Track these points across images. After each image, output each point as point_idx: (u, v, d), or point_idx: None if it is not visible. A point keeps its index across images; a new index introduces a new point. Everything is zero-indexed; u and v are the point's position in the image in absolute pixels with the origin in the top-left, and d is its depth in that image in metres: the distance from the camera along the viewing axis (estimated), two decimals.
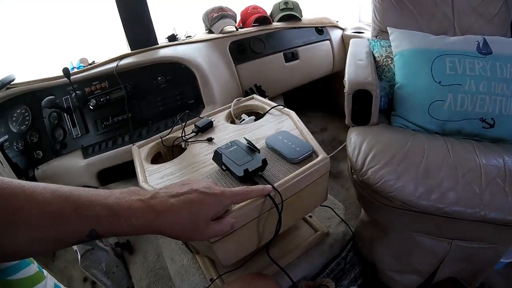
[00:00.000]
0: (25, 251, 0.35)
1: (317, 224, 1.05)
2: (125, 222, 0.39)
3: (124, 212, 0.39)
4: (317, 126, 1.98)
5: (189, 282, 1.00)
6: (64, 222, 0.36)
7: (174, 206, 0.42)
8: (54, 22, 1.51)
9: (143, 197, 0.42)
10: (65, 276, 1.32)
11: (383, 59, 1.18)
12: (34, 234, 0.34)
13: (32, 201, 0.34)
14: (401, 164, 0.81)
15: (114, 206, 0.39)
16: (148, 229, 0.41)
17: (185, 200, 0.43)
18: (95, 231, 0.37)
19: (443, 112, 0.97)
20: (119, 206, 0.39)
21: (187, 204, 0.43)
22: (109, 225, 0.38)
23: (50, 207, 0.35)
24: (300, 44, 1.66)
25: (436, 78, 0.97)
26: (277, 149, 0.73)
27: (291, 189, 0.64)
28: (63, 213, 0.36)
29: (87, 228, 0.37)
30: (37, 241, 0.35)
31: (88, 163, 1.20)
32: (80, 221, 0.36)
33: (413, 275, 0.93)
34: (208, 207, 0.45)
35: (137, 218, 0.39)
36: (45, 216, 0.34)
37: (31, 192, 0.35)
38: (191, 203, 0.44)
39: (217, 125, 0.96)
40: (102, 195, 0.39)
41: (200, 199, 0.44)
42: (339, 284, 1.02)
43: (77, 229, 0.37)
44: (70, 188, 0.38)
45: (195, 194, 0.45)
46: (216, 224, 0.47)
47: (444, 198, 0.75)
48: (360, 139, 0.93)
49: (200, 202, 0.44)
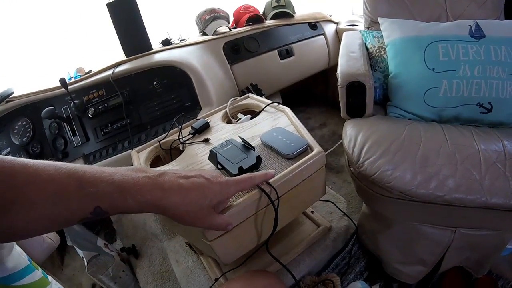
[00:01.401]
0: (29, 230, 0.35)
1: (319, 219, 1.05)
2: (130, 199, 0.38)
3: (130, 188, 0.38)
4: (316, 121, 1.97)
5: (194, 283, 1.01)
6: (68, 199, 0.35)
7: (183, 187, 0.42)
8: (49, 33, 1.53)
9: (151, 175, 0.41)
10: (74, 284, 1.33)
11: (376, 50, 1.17)
12: (38, 212, 0.33)
13: (35, 179, 0.34)
14: (398, 153, 0.81)
15: (120, 182, 0.38)
16: (153, 207, 0.40)
17: (194, 183, 0.43)
18: (100, 208, 0.37)
19: (438, 99, 0.96)
20: (125, 182, 0.38)
21: (195, 187, 0.43)
22: (114, 202, 0.38)
23: (53, 183, 0.34)
24: (294, 41, 1.65)
25: (429, 65, 0.96)
26: (272, 146, 0.73)
27: (287, 184, 0.65)
28: (67, 189, 0.35)
29: (91, 204, 0.37)
30: (41, 219, 0.34)
31: None
32: (84, 197, 0.36)
33: (419, 265, 0.93)
34: (213, 194, 0.45)
35: (144, 195, 0.39)
36: (49, 193, 0.34)
37: (34, 169, 0.34)
38: (199, 187, 0.44)
39: (214, 126, 0.96)
40: (107, 172, 0.39)
41: (207, 185, 0.45)
42: (344, 279, 1.02)
43: (81, 206, 0.36)
44: (74, 165, 0.37)
45: (203, 179, 0.45)
46: (217, 216, 0.48)
47: (443, 186, 0.74)
48: (356, 131, 0.93)
49: (207, 188, 0.44)
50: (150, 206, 0.40)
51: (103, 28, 1.49)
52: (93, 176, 0.37)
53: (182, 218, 0.43)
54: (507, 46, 0.93)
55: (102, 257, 1.10)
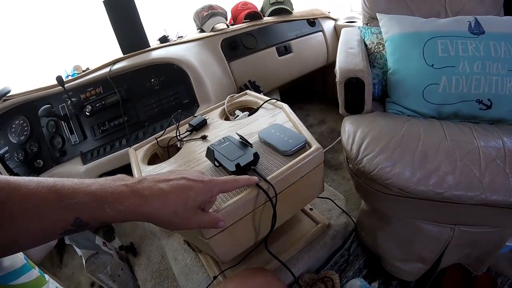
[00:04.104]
0: (12, 246, 0.35)
1: (318, 217, 1.04)
2: (109, 208, 0.38)
3: (108, 197, 0.38)
4: (315, 118, 1.97)
5: (193, 281, 1.00)
6: (48, 212, 0.35)
7: (163, 191, 0.42)
8: (46, 31, 1.52)
9: (129, 182, 0.41)
10: (73, 283, 1.33)
11: (374, 46, 1.16)
12: (19, 227, 0.33)
13: (16, 194, 0.34)
14: (397, 150, 0.80)
15: (97, 192, 0.38)
16: (135, 215, 0.40)
17: (173, 185, 0.43)
18: (80, 219, 0.37)
19: (437, 95, 0.95)
20: (102, 192, 0.38)
21: (176, 189, 0.43)
22: (93, 212, 0.37)
23: (34, 197, 0.35)
24: (293, 37, 1.64)
25: (428, 61, 0.95)
26: (269, 142, 0.73)
27: (285, 181, 0.64)
28: (46, 202, 0.35)
29: (71, 216, 0.36)
30: (23, 234, 0.34)
31: (87, 168, 1.20)
32: (64, 209, 0.36)
33: (418, 263, 0.92)
34: (196, 193, 0.44)
35: (122, 203, 0.38)
36: (29, 207, 0.34)
37: (15, 185, 0.34)
38: (180, 189, 0.43)
39: (211, 123, 0.96)
40: (85, 183, 0.38)
41: (188, 185, 0.44)
42: (343, 276, 1.01)
43: (61, 218, 0.36)
44: (55, 179, 0.37)
45: (184, 181, 0.44)
46: (204, 214, 0.47)
47: (442, 183, 0.74)
48: (354, 127, 0.92)
49: (188, 188, 0.44)
50: (130, 214, 0.39)
51: (100, 25, 1.48)
52: (71, 187, 0.37)
53: (168, 222, 0.43)
54: (506, 42, 0.92)
55: (100, 256, 1.10)
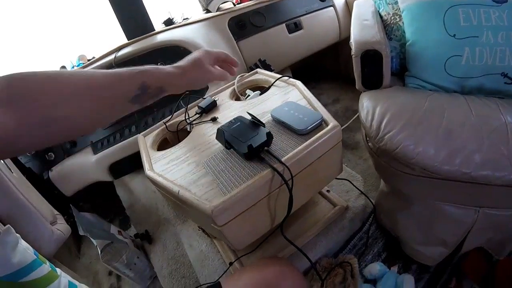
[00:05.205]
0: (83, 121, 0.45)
1: (335, 199, 1.00)
2: (164, 72, 0.54)
3: (160, 68, 0.54)
4: (329, 97, 1.90)
5: (209, 268, 0.99)
6: (119, 80, 0.47)
7: (189, 62, 0.60)
8: (50, 21, 1.49)
9: None
10: (91, 272, 1.35)
11: (390, 17, 1.08)
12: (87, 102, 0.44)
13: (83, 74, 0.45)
14: (420, 126, 0.74)
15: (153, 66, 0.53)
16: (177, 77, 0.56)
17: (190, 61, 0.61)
18: (145, 83, 0.50)
19: (461, 68, 0.88)
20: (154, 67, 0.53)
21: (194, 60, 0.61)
22: (155, 76, 0.51)
23: (106, 73, 0.47)
24: (303, 13, 1.56)
25: (450, 31, 0.88)
26: (283, 121, 0.68)
27: (301, 162, 0.60)
28: (118, 72, 0.48)
29: (138, 81, 0.49)
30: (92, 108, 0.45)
31: (98, 158, 1.19)
32: (134, 75, 0.49)
33: (439, 246, 0.88)
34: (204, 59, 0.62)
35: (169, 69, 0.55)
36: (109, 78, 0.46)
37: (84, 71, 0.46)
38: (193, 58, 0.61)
39: (222, 104, 0.92)
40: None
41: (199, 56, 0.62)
42: (362, 260, 0.98)
43: (132, 82, 0.49)
44: None
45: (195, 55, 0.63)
46: (216, 70, 0.65)
47: (469, 162, 0.68)
48: (373, 103, 0.86)
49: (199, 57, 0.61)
50: (172, 75, 0.55)
51: (104, 14, 1.44)
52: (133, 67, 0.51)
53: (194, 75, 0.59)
54: None
55: (115, 245, 1.09)
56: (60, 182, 1.23)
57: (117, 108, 0.49)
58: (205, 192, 0.59)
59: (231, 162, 0.63)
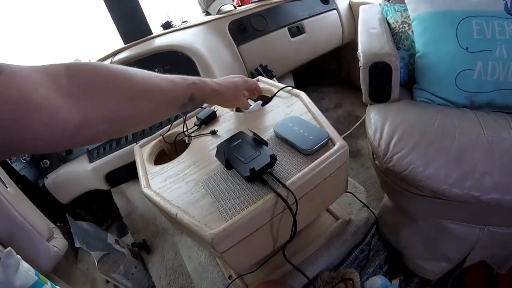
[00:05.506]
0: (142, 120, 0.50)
1: (337, 212, 0.98)
2: (207, 86, 0.61)
3: (204, 80, 0.61)
4: (331, 102, 1.86)
5: (207, 280, 0.97)
6: (175, 87, 0.53)
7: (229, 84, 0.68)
8: (45, 26, 1.45)
9: None
10: (88, 279, 1.32)
11: (399, 25, 1.04)
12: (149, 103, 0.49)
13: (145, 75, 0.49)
14: (431, 147, 0.72)
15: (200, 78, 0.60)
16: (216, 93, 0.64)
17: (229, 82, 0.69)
18: (194, 94, 0.56)
19: (472, 82, 0.85)
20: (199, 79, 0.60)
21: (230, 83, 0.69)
22: (201, 90, 0.58)
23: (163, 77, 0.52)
24: (305, 17, 1.52)
25: (462, 44, 0.84)
26: (287, 139, 0.65)
27: (306, 186, 0.57)
28: (172, 79, 0.54)
29: (189, 91, 0.56)
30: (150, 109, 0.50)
31: (94, 166, 1.15)
32: (186, 85, 0.55)
33: (443, 262, 0.86)
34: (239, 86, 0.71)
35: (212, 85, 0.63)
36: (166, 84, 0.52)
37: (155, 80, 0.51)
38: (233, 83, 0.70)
39: (221, 115, 0.88)
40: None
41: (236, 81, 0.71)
42: (364, 273, 0.96)
43: (184, 92, 0.55)
44: None
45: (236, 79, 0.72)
46: (244, 99, 0.75)
47: (480, 185, 0.66)
48: (382, 119, 0.83)
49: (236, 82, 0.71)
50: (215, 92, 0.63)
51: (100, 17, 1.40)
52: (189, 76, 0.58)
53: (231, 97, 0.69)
54: None
55: (112, 255, 1.07)
56: (56, 190, 1.20)
57: (168, 112, 0.55)
58: (204, 216, 0.56)
59: (232, 183, 0.60)
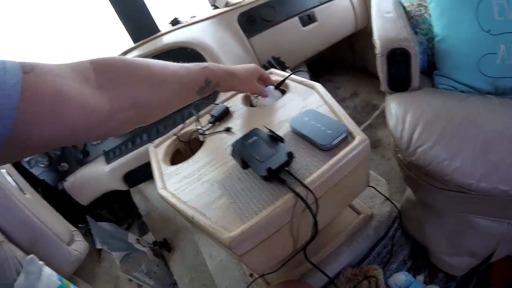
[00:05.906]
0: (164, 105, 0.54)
1: (359, 206, 0.95)
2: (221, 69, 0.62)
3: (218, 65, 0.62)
4: (347, 91, 1.80)
5: (229, 279, 0.96)
6: (189, 72, 0.55)
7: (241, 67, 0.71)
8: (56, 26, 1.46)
9: None
10: (111, 277, 1.35)
11: (414, 8, 0.98)
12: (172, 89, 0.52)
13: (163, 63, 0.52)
14: (455, 138, 0.68)
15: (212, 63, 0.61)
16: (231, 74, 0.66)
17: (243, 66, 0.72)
18: (209, 78, 0.58)
19: (495, 67, 0.80)
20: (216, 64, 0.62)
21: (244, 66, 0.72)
22: (215, 73, 0.60)
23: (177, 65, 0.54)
24: (316, 4, 1.47)
25: (484, 26, 0.79)
26: (304, 134, 0.62)
27: (326, 183, 0.54)
28: (185, 65, 0.55)
29: (204, 75, 0.57)
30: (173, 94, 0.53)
31: (112, 168, 1.16)
32: (200, 69, 0.57)
33: (468, 257, 0.82)
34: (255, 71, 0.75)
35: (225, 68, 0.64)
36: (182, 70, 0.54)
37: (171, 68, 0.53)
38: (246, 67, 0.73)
39: (235, 111, 0.86)
40: None
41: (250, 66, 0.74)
42: (387, 269, 0.92)
43: (199, 76, 0.57)
44: None
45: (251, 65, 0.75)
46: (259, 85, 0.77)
47: (508, 178, 0.62)
48: (403, 110, 0.79)
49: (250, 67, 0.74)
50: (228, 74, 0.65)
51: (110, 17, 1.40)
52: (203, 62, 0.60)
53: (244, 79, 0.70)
54: None
55: (134, 255, 1.08)
56: (75, 192, 1.22)
57: (188, 96, 0.57)
58: (222, 217, 0.55)
59: (248, 183, 0.58)
